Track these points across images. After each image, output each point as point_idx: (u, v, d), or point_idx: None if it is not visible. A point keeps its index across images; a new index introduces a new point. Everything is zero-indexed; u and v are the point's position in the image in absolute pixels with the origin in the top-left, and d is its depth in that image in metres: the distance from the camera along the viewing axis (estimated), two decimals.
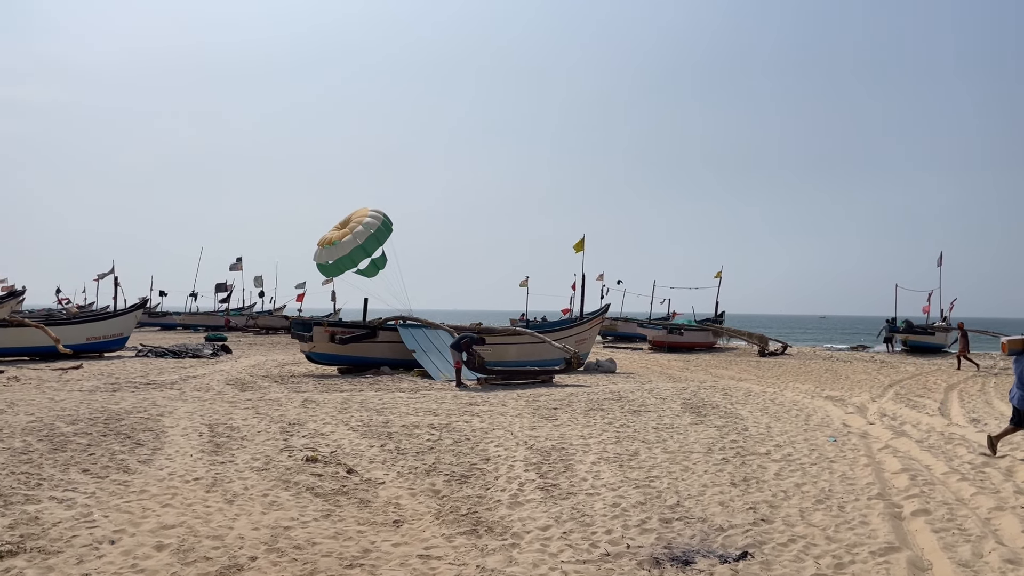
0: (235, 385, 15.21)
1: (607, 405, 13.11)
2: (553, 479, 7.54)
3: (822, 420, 11.84)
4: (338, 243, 17.92)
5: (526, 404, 13.01)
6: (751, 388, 17.30)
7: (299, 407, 12.05)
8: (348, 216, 19.07)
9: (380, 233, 18.24)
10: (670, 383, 18.25)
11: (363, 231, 18.03)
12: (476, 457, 8.52)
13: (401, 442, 9.31)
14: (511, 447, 9.10)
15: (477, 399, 13.59)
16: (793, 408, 13.33)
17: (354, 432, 9.92)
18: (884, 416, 12.50)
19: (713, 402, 13.94)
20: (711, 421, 11.48)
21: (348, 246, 17.89)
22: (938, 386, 18.48)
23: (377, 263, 18.40)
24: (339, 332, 18.12)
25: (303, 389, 14.78)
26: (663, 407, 13.04)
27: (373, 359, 18.53)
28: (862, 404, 14.26)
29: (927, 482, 7.50)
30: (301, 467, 7.90)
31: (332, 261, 18.18)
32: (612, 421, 11.23)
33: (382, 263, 18.44)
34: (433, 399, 13.39)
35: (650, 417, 11.76)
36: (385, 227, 18.49)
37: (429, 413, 11.61)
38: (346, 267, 18.23)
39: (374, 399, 13.14)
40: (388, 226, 18.59)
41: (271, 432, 9.78)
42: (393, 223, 18.99)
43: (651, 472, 7.89)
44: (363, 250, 18.08)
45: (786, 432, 10.59)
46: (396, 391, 14.66)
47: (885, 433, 10.60)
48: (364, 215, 18.67)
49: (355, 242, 17.95)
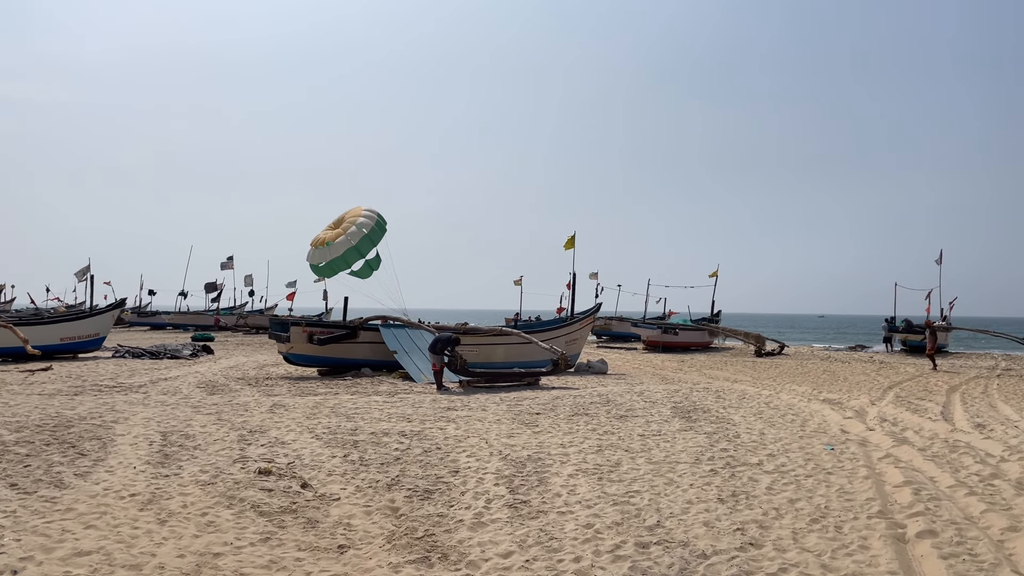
0: (205, 388, 14.55)
1: (593, 410, 12.47)
2: (524, 495, 6.90)
3: (819, 426, 11.21)
4: (331, 244, 17.41)
5: (507, 409, 12.37)
6: (746, 390, 16.68)
7: (266, 412, 11.40)
8: (341, 215, 18.56)
9: (374, 233, 17.76)
10: (662, 385, 17.62)
11: (356, 231, 17.54)
12: (444, 469, 7.88)
13: (366, 452, 8.67)
14: (484, 457, 8.46)
15: (456, 403, 12.95)
16: (789, 412, 12.71)
17: (318, 440, 9.27)
18: (884, 421, 11.88)
19: (705, 406, 13.31)
20: (701, 427, 10.85)
21: (341, 247, 17.41)
22: (939, 388, 17.86)
23: (371, 264, 17.94)
24: (317, 332, 17.46)
25: (275, 392, 14.13)
26: (652, 412, 12.40)
27: (354, 360, 17.86)
28: (861, 408, 13.64)
29: (932, 497, 6.87)
30: (251, 481, 7.26)
31: (325, 262, 17.67)
32: (596, 427, 10.59)
33: (376, 264, 17.98)
34: (410, 403, 12.75)
35: (637, 423, 11.13)
36: (379, 227, 17.98)
37: (402, 419, 10.97)
38: (339, 268, 17.76)
39: (347, 403, 12.49)
40: (382, 226, 18.09)
41: (228, 441, 9.14)
42: (387, 222, 18.42)
43: (632, 486, 7.25)
44: (357, 251, 17.62)
45: (780, 439, 9.96)
46: (373, 395, 14.02)
47: (885, 440, 9.98)
48: (358, 214, 18.14)
49: (349, 243, 17.48)
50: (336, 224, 18.21)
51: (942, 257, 35.93)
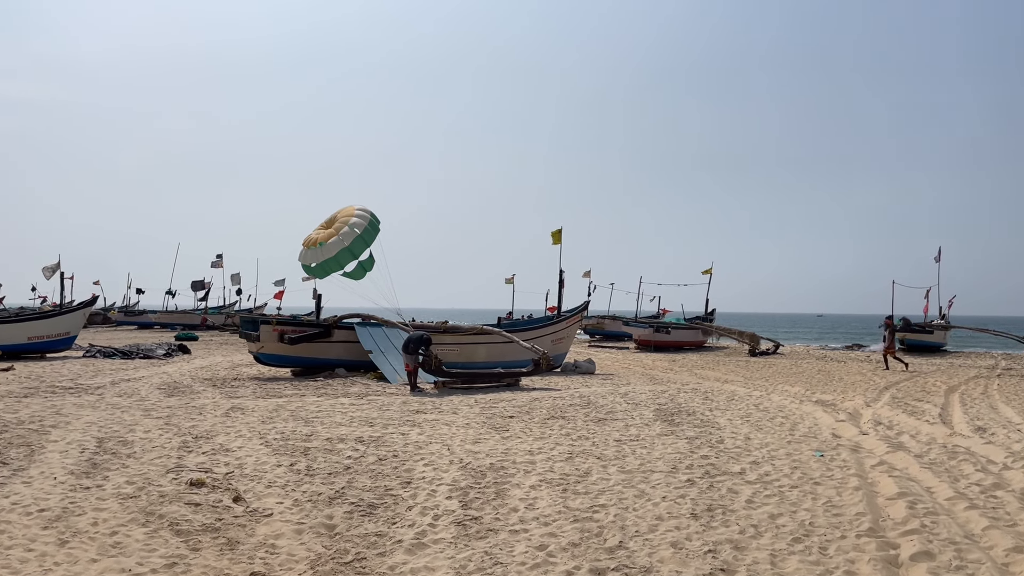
0: (166, 390, 13.85)
1: (570, 412, 11.80)
2: (477, 510, 6.23)
3: (809, 430, 10.54)
4: (324, 244, 16.80)
5: (480, 411, 11.70)
6: (736, 391, 16.02)
7: (220, 416, 10.71)
8: (334, 214, 17.91)
9: (367, 234, 17.13)
10: (649, 385, 16.95)
11: (349, 232, 16.89)
12: (396, 480, 7.21)
13: (316, 460, 7.99)
14: (442, 466, 7.78)
15: (427, 406, 12.27)
16: (778, 415, 12.04)
17: (267, 447, 8.59)
18: (879, 424, 11.22)
19: (690, 408, 12.64)
20: (683, 431, 10.18)
21: (334, 248, 16.78)
22: (937, 389, 17.21)
23: (364, 265, 17.33)
24: (288, 331, 16.77)
25: (238, 394, 13.43)
26: (633, 414, 11.73)
27: (328, 360, 17.17)
28: (855, 410, 12.98)
29: (929, 511, 6.20)
30: (179, 494, 6.58)
31: (317, 263, 17.06)
32: (570, 432, 9.92)
33: (369, 265, 17.36)
34: (378, 406, 12.07)
35: (615, 427, 10.46)
36: (372, 227, 17.35)
37: (365, 423, 10.28)
38: (332, 269, 17.13)
39: (311, 406, 11.80)
40: (375, 225, 17.45)
41: (168, 448, 8.45)
42: (380, 221, 17.76)
43: (598, 499, 6.58)
44: (349, 252, 16.99)
45: (767, 445, 9.29)
46: (342, 396, 13.33)
47: (880, 446, 9.31)
48: (350, 214, 17.50)
49: (341, 243, 16.83)
50: (328, 224, 17.65)
51: (940, 255, 35.30)
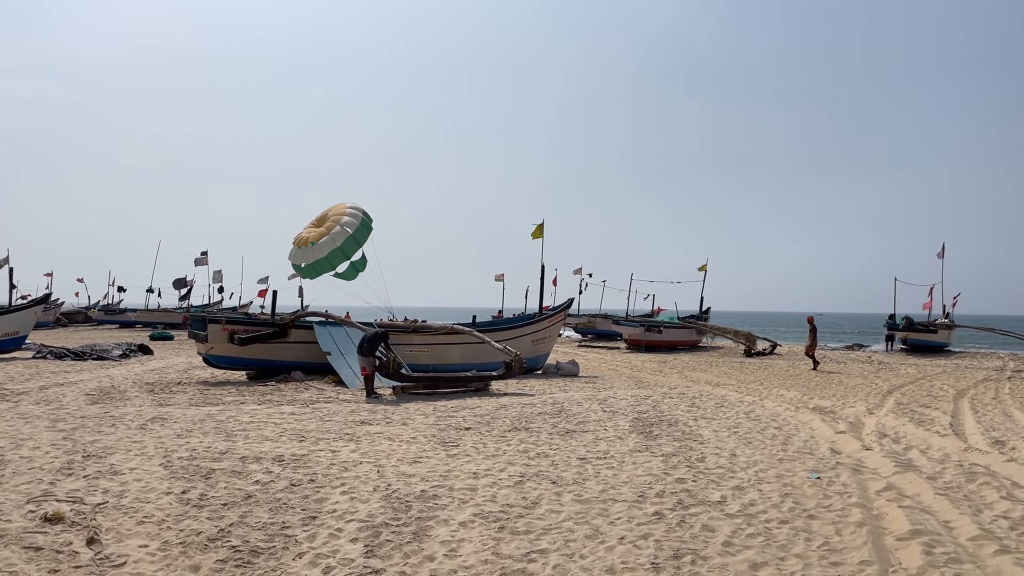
0: (93, 396, 12.53)
1: (537, 423, 10.52)
2: (383, 558, 4.95)
3: (805, 444, 9.26)
4: (315, 244, 15.93)
5: (435, 422, 10.40)
6: (726, 396, 14.73)
7: (135, 429, 9.41)
8: (325, 212, 16.93)
9: (359, 233, 16.24)
10: (633, 390, 15.67)
11: (341, 231, 16.01)
12: (300, 514, 5.92)
13: (216, 486, 6.70)
14: (363, 494, 6.50)
15: (377, 415, 10.97)
16: (771, 425, 10.76)
17: (165, 469, 7.30)
18: (883, 437, 9.94)
19: (673, 417, 11.35)
20: (661, 446, 8.89)
21: (325, 248, 15.87)
22: (945, 393, 15.93)
23: (356, 265, 16.42)
24: (239, 331, 15.46)
25: (171, 402, 12.12)
26: (607, 424, 10.45)
27: (284, 362, 15.85)
28: (856, 418, 11.71)
29: (951, 558, 4.94)
30: (25, 532, 5.30)
31: (308, 264, 16.14)
32: (530, 448, 8.63)
33: (362, 265, 16.46)
34: (321, 416, 10.77)
35: (583, 440, 9.17)
36: (364, 226, 16.41)
37: (295, 438, 8.98)
38: (323, 270, 16.24)
39: (244, 417, 10.49)
40: (367, 225, 16.51)
41: (47, 469, 7.16)
42: (372, 219, 16.77)
43: (539, 541, 5.30)
44: (341, 252, 16.07)
45: (755, 463, 8.01)
46: (286, 404, 12.03)
47: (886, 464, 8.04)
48: (342, 212, 16.55)
49: (333, 243, 15.93)
50: (319, 222, 16.75)
51: (944, 251, 33.97)
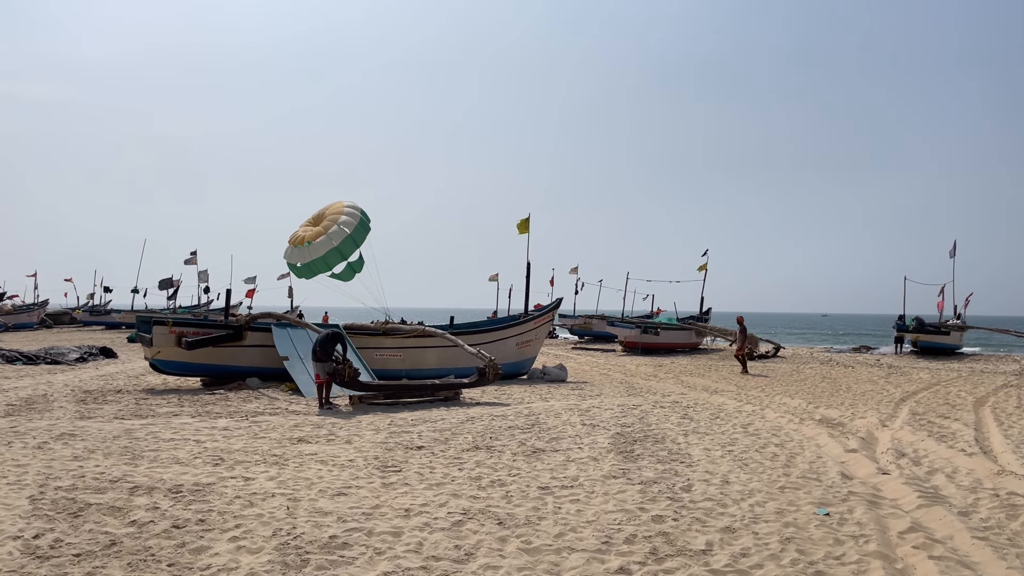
0: (13, 407, 11.18)
1: (503, 439, 9.19)
2: None
3: (810, 466, 7.91)
4: (311, 244, 15.31)
5: (384, 439, 9.07)
6: (724, 405, 13.40)
7: (31, 448, 8.09)
8: (322, 211, 16.29)
9: (357, 233, 15.65)
10: (622, 398, 14.34)
11: (338, 231, 15.38)
12: (163, 573, 4.60)
13: (80, 529, 5.38)
14: (257, 541, 5.17)
15: (322, 431, 9.64)
16: (771, 442, 9.43)
17: (30, 504, 5.98)
18: (902, 456, 8.60)
19: (660, 432, 10.01)
20: (641, 470, 7.57)
21: (322, 248, 15.26)
22: (963, 401, 14.57)
23: (353, 266, 15.87)
24: (187, 333, 14.16)
25: (98, 413, 10.75)
26: (583, 442, 9.12)
27: (238, 368, 14.51)
28: (868, 432, 10.37)
29: None
30: None
31: (304, 264, 15.52)
32: (484, 473, 7.30)
33: (359, 266, 15.92)
34: (257, 432, 9.43)
35: (551, 462, 7.84)
36: (362, 226, 15.82)
37: (210, 460, 7.65)
38: (320, 270, 15.64)
39: (165, 433, 9.16)
40: (365, 224, 15.91)
41: None
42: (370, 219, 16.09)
43: None
44: (339, 253, 15.47)
45: (751, 494, 6.67)
46: (225, 416, 10.70)
47: (907, 494, 6.70)
48: (339, 211, 15.90)
49: (330, 243, 15.29)
50: (316, 220, 16.12)
51: (955, 249, 32.55)
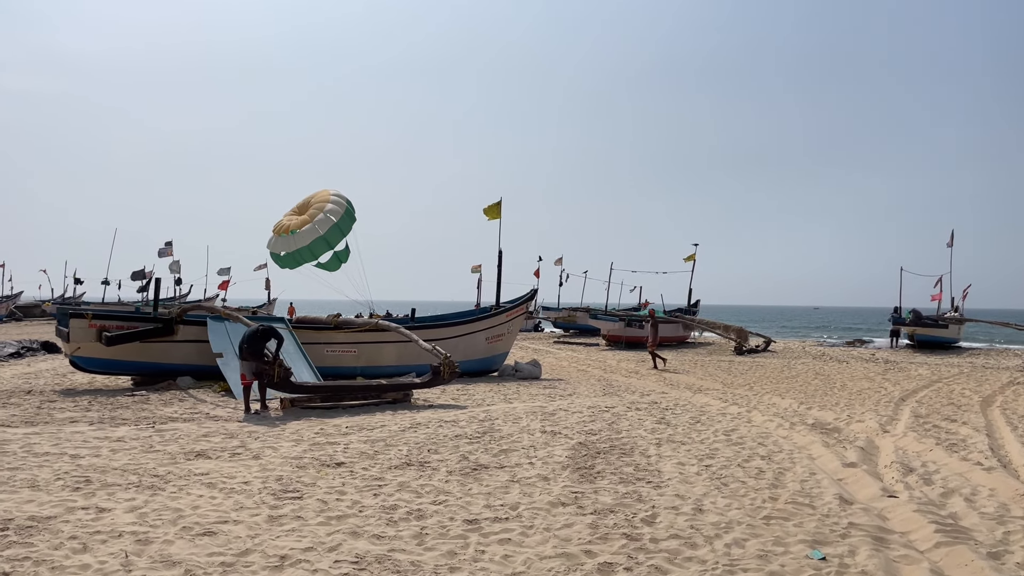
0: None
1: (444, 452, 7.84)
2: None
3: (802, 487, 6.59)
4: (296, 232, 14.88)
5: (301, 453, 7.70)
6: (707, 406, 12.11)
7: None
8: (307, 199, 15.81)
9: (343, 222, 15.27)
10: (595, 398, 13.03)
11: (325, 219, 14.97)
12: None
13: None
14: None
15: (232, 441, 8.25)
16: (757, 453, 8.12)
17: None
18: (909, 471, 7.31)
19: (630, 441, 8.69)
20: (598, 493, 6.23)
21: (308, 236, 14.82)
22: (969, 401, 13.32)
23: (340, 256, 15.49)
24: (109, 327, 12.75)
25: None
26: (538, 454, 7.79)
27: (169, 366, 13.07)
28: (868, 440, 9.08)
29: None
30: None
31: (288, 253, 15.01)
32: (403, 501, 5.93)
33: (345, 256, 15.54)
34: (155, 443, 8.04)
35: (493, 483, 6.50)
36: (348, 215, 15.45)
37: (73, 482, 6.24)
38: (305, 259, 15.14)
39: (43, 446, 7.73)
40: (351, 213, 15.55)
41: None
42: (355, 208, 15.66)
43: None
44: (325, 242, 15.04)
45: (728, 527, 5.34)
46: (131, 423, 9.30)
47: (921, 525, 5.40)
48: (325, 199, 15.48)
49: (316, 232, 14.84)
50: (301, 209, 15.65)
51: (953, 239, 31.37)
